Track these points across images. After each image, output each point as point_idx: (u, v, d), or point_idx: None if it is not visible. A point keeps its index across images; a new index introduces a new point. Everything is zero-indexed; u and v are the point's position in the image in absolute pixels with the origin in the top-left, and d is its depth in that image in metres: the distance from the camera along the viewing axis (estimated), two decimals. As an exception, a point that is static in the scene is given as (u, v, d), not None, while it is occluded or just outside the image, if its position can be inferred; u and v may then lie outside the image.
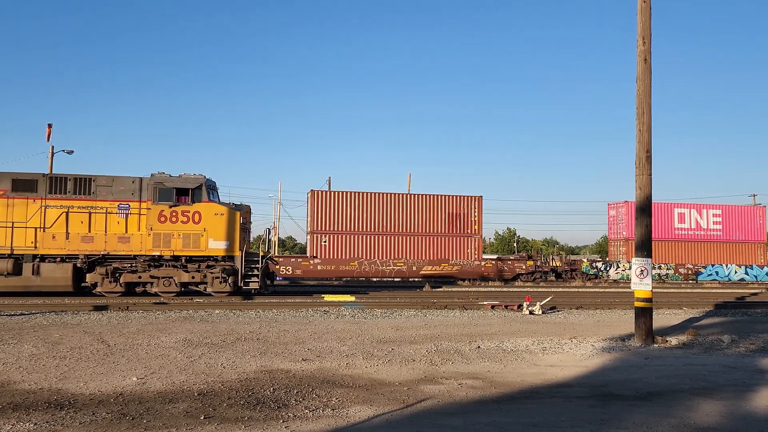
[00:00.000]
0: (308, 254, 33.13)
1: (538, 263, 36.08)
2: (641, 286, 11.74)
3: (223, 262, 19.51)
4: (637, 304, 11.80)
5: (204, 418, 6.02)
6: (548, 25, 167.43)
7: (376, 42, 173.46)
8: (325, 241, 32.52)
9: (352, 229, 33.03)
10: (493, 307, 17.96)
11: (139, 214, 19.10)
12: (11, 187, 18.68)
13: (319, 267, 32.35)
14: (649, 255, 11.87)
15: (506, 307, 17.85)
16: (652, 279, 11.84)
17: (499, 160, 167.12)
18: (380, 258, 33.12)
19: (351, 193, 33.44)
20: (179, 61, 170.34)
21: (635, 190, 12.12)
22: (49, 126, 33.71)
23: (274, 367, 8.68)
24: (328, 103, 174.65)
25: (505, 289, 28.07)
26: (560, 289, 28.14)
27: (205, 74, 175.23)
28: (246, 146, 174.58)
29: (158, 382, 7.53)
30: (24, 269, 18.43)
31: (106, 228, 18.95)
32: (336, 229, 32.95)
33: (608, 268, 37.39)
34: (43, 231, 18.62)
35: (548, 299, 18.53)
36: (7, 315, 14.18)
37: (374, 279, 33.03)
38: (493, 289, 28.50)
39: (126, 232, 19.05)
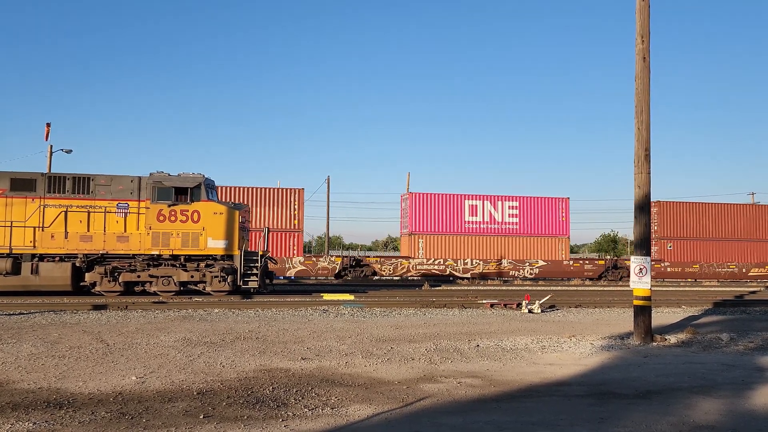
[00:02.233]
0: (657, 258, 36.38)
1: None
2: (640, 285, 11.74)
3: (222, 261, 19.51)
4: (636, 302, 11.81)
5: (203, 417, 6.02)
6: (548, 25, 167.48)
7: (375, 41, 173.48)
8: (670, 246, 36.66)
9: (693, 235, 37.10)
10: (492, 305, 17.97)
11: (138, 214, 19.08)
12: (10, 186, 18.64)
13: (668, 269, 36.26)
14: (647, 253, 11.88)
15: (505, 305, 17.86)
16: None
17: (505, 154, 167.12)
18: (716, 261, 37.06)
19: (691, 204, 37.61)
20: (178, 60, 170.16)
21: (634, 189, 12.13)
22: (48, 125, 33.79)
23: (273, 366, 8.69)
24: (326, 102, 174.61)
25: (504, 288, 28.12)
26: (559, 288, 28.18)
27: (204, 73, 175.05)
28: (245, 146, 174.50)
29: (157, 382, 7.53)
30: (23, 269, 18.40)
31: (104, 227, 18.94)
32: (679, 235, 37.01)
33: None
34: (42, 230, 18.60)
35: (547, 298, 18.54)
36: (5, 314, 14.16)
37: (705, 281, 35.90)
38: (492, 287, 28.55)
39: (125, 231, 19.04)
